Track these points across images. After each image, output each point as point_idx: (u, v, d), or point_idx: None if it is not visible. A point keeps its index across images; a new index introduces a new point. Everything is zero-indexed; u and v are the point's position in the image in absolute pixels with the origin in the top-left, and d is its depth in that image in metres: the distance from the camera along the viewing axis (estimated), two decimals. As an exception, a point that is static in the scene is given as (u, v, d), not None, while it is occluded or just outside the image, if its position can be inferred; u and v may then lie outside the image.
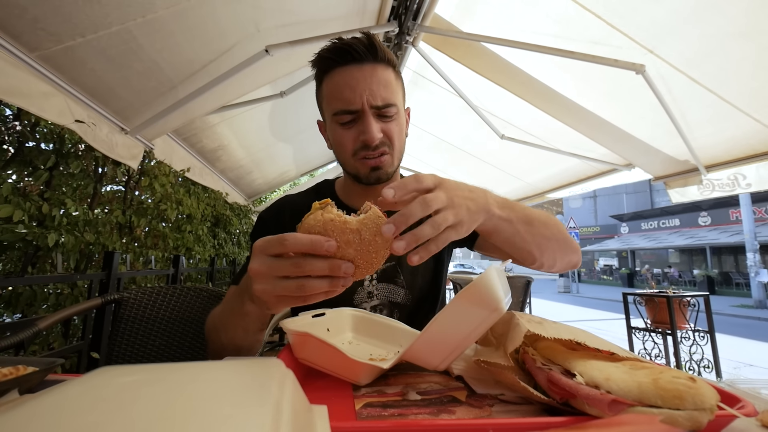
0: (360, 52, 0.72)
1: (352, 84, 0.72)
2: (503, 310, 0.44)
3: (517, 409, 0.41)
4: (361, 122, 0.73)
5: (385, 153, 0.77)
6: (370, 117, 0.72)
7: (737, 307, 11.90)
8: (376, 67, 0.74)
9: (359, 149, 0.75)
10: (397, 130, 0.78)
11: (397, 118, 0.77)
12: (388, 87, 0.75)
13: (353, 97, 0.72)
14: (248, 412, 0.18)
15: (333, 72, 0.74)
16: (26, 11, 1.18)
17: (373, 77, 0.73)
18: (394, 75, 0.78)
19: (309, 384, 0.50)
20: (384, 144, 0.76)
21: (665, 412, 0.30)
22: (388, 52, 0.76)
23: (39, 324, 0.84)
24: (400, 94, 0.80)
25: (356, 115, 0.74)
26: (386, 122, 0.76)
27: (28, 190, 1.71)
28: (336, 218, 0.44)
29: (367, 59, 0.73)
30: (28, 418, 0.17)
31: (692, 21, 1.59)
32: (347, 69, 0.73)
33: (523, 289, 3.58)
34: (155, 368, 0.24)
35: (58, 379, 0.50)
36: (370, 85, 0.72)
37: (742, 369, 4.76)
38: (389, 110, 0.75)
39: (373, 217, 0.45)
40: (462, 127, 3.45)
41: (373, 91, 0.72)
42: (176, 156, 2.51)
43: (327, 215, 0.45)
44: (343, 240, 0.44)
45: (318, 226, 0.44)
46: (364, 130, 0.73)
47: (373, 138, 0.72)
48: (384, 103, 0.73)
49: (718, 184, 2.26)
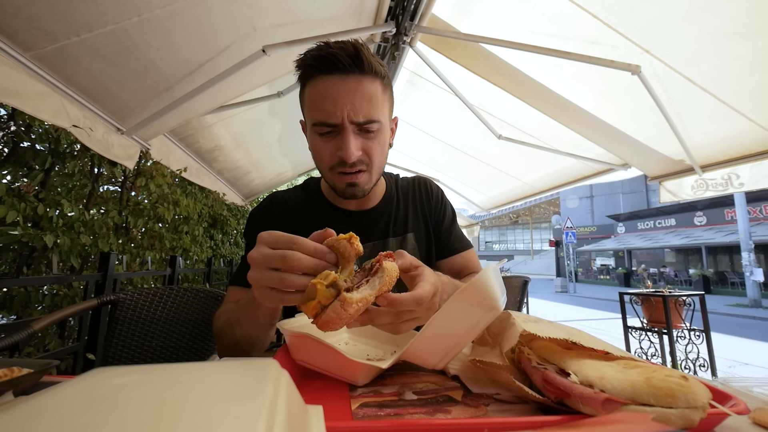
0: (345, 63, 0.67)
1: (334, 96, 0.68)
2: (500, 309, 0.44)
3: (513, 408, 0.41)
4: (340, 137, 0.70)
5: (362, 171, 0.74)
6: (350, 134, 0.69)
7: (732, 306, 11.98)
8: (362, 79, 0.69)
9: (336, 164, 0.73)
10: (378, 148, 0.75)
11: (378, 134, 0.74)
12: (373, 102, 0.71)
13: (334, 111, 0.68)
14: (242, 412, 0.18)
15: (315, 80, 0.70)
16: (20, 10, 1.17)
17: (356, 91, 0.69)
18: (381, 87, 0.73)
19: (305, 385, 0.50)
20: (362, 162, 0.73)
21: (658, 410, 0.30)
22: (376, 62, 0.72)
23: (34, 325, 0.83)
24: (386, 108, 0.76)
25: (336, 129, 0.70)
26: (367, 138, 0.73)
27: (24, 190, 1.69)
28: (362, 306, 0.43)
29: (353, 71, 0.68)
30: (22, 419, 0.17)
31: (688, 21, 1.60)
32: (330, 79, 0.68)
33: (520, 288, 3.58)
34: (150, 369, 0.24)
35: (54, 380, 0.50)
36: (352, 100, 0.68)
37: (738, 368, 4.79)
38: (371, 126, 0.71)
39: (388, 280, 0.46)
40: (459, 127, 3.46)
41: (356, 106, 0.68)
42: (173, 156, 2.50)
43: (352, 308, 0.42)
44: None
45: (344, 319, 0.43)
46: (341, 147, 0.70)
47: (350, 156, 0.69)
48: (366, 119, 0.70)
49: (711, 184, 2.28)
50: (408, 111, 3.63)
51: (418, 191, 0.99)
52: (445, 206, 0.99)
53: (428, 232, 0.95)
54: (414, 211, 0.96)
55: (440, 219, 0.97)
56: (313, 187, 0.93)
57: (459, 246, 0.96)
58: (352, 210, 0.89)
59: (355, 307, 0.42)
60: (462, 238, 0.98)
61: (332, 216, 0.88)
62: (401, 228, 0.92)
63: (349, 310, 0.42)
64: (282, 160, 4.38)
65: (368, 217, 0.90)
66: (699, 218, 20.43)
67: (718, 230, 18.86)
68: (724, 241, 17.09)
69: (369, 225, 0.89)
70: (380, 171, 0.80)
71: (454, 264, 0.94)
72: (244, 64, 1.71)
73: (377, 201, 0.92)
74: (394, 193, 0.96)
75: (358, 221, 0.89)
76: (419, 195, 0.98)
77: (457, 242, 0.96)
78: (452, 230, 0.98)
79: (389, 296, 0.46)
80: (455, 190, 5.03)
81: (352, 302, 0.42)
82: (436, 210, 0.97)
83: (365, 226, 0.88)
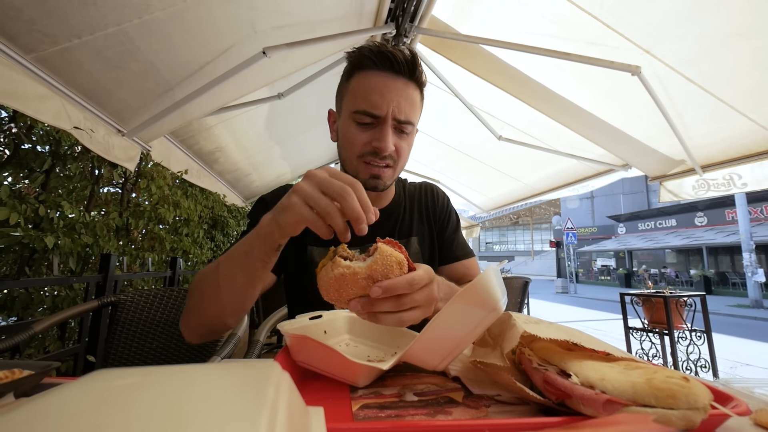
0: (401, 64, 0.73)
1: (383, 91, 0.73)
2: (501, 310, 0.44)
3: (514, 409, 0.41)
4: (379, 129, 0.75)
5: (389, 165, 0.78)
6: (390, 127, 0.74)
7: (734, 307, 11.96)
8: (409, 84, 0.76)
9: (368, 153, 0.76)
10: (406, 149, 0.80)
11: (409, 137, 0.80)
12: (414, 106, 0.77)
13: (381, 103, 0.73)
14: (243, 414, 0.18)
15: (367, 72, 0.75)
16: (22, 13, 1.18)
17: (403, 92, 0.75)
18: (420, 97, 0.80)
19: (306, 386, 0.50)
20: (391, 157, 0.77)
21: (659, 411, 0.30)
22: (423, 74, 0.78)
23: (35, 327, 0.83)
24: (418, 115, 0.82)
25: (377, 121, 0.75)
26: (400, 138, 0.77)
27: (24, 192, 1.70)
28: (345, 271, 0.47)
29: (404, 74, 0.75)
30: (24, 421, 0.17)
31: (688, 21, 1.60)
32: (383, 75, 0.74)
33: (521, 289, 3.58)
34: (151, 371, 0.24)
35: (54, 382, 0.50)
36: (399, 98, 0.74)
37: (739, 368, 4.78)
38: (407, 127, 0.77)
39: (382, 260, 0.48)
40: (460, 128, 3.47)
41: (400, 104, 0.74)
42: (173, 158, 2.50)
43: (337, 270, 0.48)
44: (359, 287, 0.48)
45: (332, 280, 0.48)
46: (379, 138, 0.74)
47: (386, 147, 0.74)
48: (406, 119, 0.75)
49: (713, 184, 2.28)
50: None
51: (424, 196, 1.01)
52: (449, 213, 1.01)
53: (432, 237, 0.97)
54: (419, 215, 0.97)
55: (444, 225, 0.99)
56: None
57: (461, 253, 0.97)
58: None
59: (340, 270, 0.47)
60: (464, 246, 0.99)
61: None
62: (405, 232, 0.93)
63: (335, 270, 0.47)
64: (282, 162, 4.39)
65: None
66: (700, 219, 20.42)
67: (719, 231, 18.84)
68: (725, 241, 17.06)
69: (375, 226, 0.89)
70: (401, 171, 0.84)
71: (455, 271, 0.95)
72: (244, 65, 1.71)
73: (386, 203, 0.93)
74: (403, 197, 0.98)
75: None
76: (425, 200, 1.00)
77: (459, 249, 0.97)
78: (455, 237, 0.99)
79: (383, 283, 0.48)
80: (455, 191, 5.03)
81: (340, 264, 0.48)
82: (441, 216, 0.99)
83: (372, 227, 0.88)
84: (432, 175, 4.80)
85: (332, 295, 0.50)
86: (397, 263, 0.49)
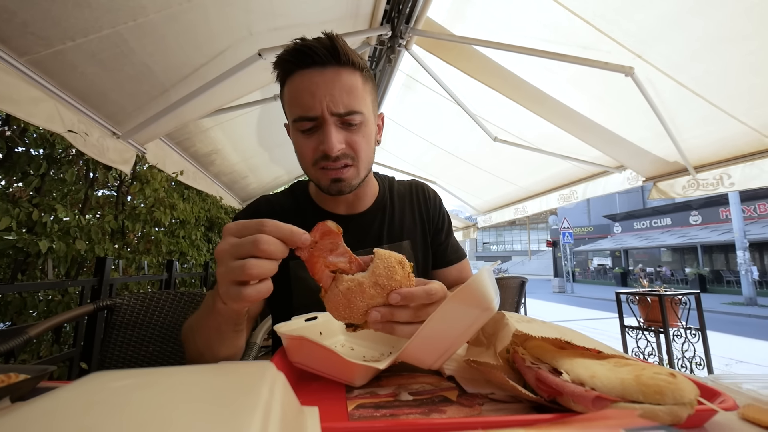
0: (321, 55, 0.66)
1: (312, 89, 0.67)
2: (494, 309, 0.45)
3: (507, 407, 0.41)
4: (321, 131, 0.69)
5: (348, 165, 0.72)
6: (331, 125, 0.68)
7: (728, 305, 12.07)
8: (340, 71, 0.68)
9: (319, 159, 0.71)
10: (363, 141, 0.73)
11: (362, 127, 0.72)
12: (353, 93, 0.69)
13: (312, 103, 0.67)
14: (237, 414, 0.19)
15: (293, 75, 0.69)
16: (15, 15, 1.17)
17: (335, 83, 0.68)
18: (361, 79, 0.72)
19: (302, 387, 0.50)
20: (347, 156, 0.71)
21: (646, 407, 0.30)
22: (354, 54, 0.70)
23: (30, 331, 0.83)
24: (368, 100, 0.74)
25: (316, 123, 0.69)
26: (350, 132, 0.71)
27: (17, 196, 1.69)
28: (350, 284, 0.48)
29: (330, 63, 0.68)
30: (21, 424, 0.18)
31: (679, 26, 1.62)
32: (308, 73, 0.68)
33: (518, 289, 3.59)
34: (146, 372, 0.25)
35: (50, 386, 0.50)
36: (331, 91, 0.67)
37: (734, 365, 4.83)
38: (353, 118, 0.69)
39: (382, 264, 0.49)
40: (455, 130, 3.48)
41: (335, 97, 0.67)
42: (169, 160, 2.50)
43: (342, 285, 0.48)
44: (368, 297, 0.48)
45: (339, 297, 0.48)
46: (323, 140, 0.68)
47: (331, 148, 0.67)
48: (347, 110, 0.68)
49: (702, 183, 2.31)
50: (404, 114, 3.64)
51: (415, 196, 0.95)
52: (443, 215, 0.97)
53: (426, 240, 0.92)
54: (411, 217, 0.92)
55: (439, 227, 0.94)
56: (300, 190, 0.90)
57: (455, 257, 0.95)
58: (341, 214, 0.85)
59: (346, 284, 0.48)
60: (457, 249, 0.96)
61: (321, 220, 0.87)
62: (397, 234, 0.88)
63: (340, 286, 0.48)
64: (278, 164, 4.39)
65: (360, 221, 0.86)
66: (694, 217, 20.59)
67: (713, 229, 19.02)
68: (719, 239, 17.23)
69: (361, 229, 0.86)
70: (368, 167, 0.77)
71: (448, 275, 0.93)
72: (240, 68, 1.71)
73: (369, 204, 0.88)
74: (388, 196, 0.92)
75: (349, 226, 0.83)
76: (416, 200, 0.95)
77: (452, 253, 0.95)
78: (449, 241, 0.96)
79: (401, 291, 0.48)
80: (451, 192, 5.04)
81: (343, 280, 0.48)
82: (434, 218, 0.94)
83: (356, 231, 0.84)
84: (427, 177, 4.81)
85: (343, 313, 0.49)
86: (398, 262, 0.50)
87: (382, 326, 0.50)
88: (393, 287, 0.48)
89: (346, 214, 0.86)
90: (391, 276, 0.48)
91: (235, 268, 0.44)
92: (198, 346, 0.61)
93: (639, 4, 1.60)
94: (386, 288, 0.48)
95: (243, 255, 0.44)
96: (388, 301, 0.48)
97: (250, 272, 0.43)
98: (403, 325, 0.49)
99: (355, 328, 0.52)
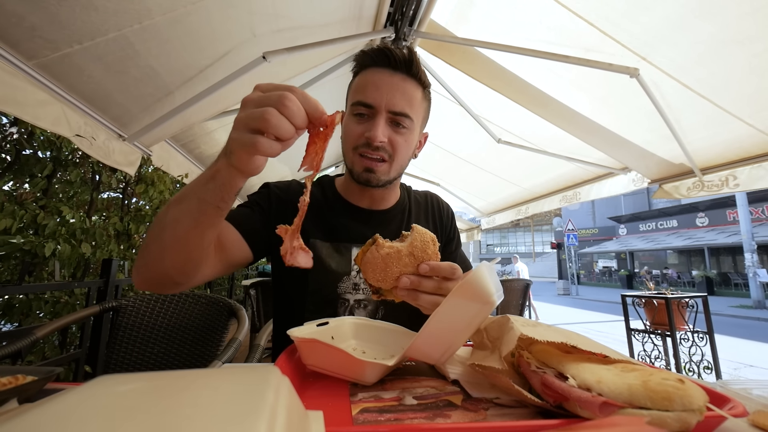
0: (397, 60, 0.76)
1: (378, 84, 0.76)
2: (495, 303, 0.46)
3: (512, 412, 0.41)
4: (372, 121, 0.76)
5: (383, 159, 0.77)
6: (382, 118, 0.75)
7: (736, 308, 11.92)
8: (407, 79, 0.77)
9: (361, 145, 0.77)
10: (404, 144, 0.79)
11: (408, 133, 0.78)
12: (411, 101, 0.77)
13: (375, 95, 0.75)
14: (243, 418, 0.19)
15: (368, 70, 0.78)
16: (24, 19, 1.19)
17: (399, 86, 0.76)
18: (421, 94, 0.80)
19: (306, 390, 0.50)
20: (385, 150, 0.77)
21: (654, 413, 0.30)
22: (423, 72, 0.79)
23: (37, 332, 0.84)
24: (420, 114, 0.82)
25: (371, 112, 0.76)
26: (396, 131, 0.77)
27: (24, 198, 1.71)
28: (390, 251, 0.55)
29: (401, 69, 0.77)
30: (28, 427, 0.18)
31: (684, 28, 1.61)
32: (380, 71, 0.77)
33: (523, 291, 3.58)
34: (153, 376, 0.25)
35: (56, 388, 0.50)
36: (394, 92, 0.75)
37: (743, 370, 4.75)
38: (403, 120, 0.76)
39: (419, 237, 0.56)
40: (458, 132, 3.47)
41: (395, 97, 0.75)
42: (174, 162, 2.51)
43: (383, 251, 0.55)
44: (402, 265, 0.56)
45: (378, 260, 0.56)
46: (370, 128, 0.75)
47: (376, 137, 0.73)
48: (401, 110, 0.75)
49: (707, 184, 2.29)
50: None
51: (431, 205, 1.01)
52: (454, 228, 1.02)
53: None
54: (426, 223, 0.97)
55: (451, 237, 0.99)
56: (327, 182, 0.95)
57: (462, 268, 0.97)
58: (364, 208, 0.90)
59: (386, 250, 0.55)
60: (465, 261, 1.00)
61: (345, 211, 0.88)
62: None
63: (380, 251, 0.55)
64: (283, 165, 4.40)
65: (381, 217, 0.91)
66: (701, 219, 20.39)
67: (720, 231, 18.81)
68: (727, 242, 17.03)
69: (381, 225, 0.90)
70: (399, 170, 0.83)
71: None
72: (244, 70, 1.73)
73: (390, 205, 0.93)
74: (407, 202, 0.97)
75: (371, 220, 0.89)
76: (431, 208, 1.00)
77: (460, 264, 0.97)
78: (458, 252, 1.00)
79: (431, 263, 0.55)
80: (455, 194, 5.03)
81: (384, 245, 0.56)
82: (447, 227, 0.99)
83: (377, 226, 0.88)
84: (431, 179, 4.80)
85: (378, 276, 0.56)
86: (431, 239, 0.57)
87: (407, 293, 0.56)
88: (424, 260, 0.55)
89: (368, 208, 0.91)
90: (425, 249, 0.56)
91: (255, 114, 0.44)
92: (166, 222, 0.53)
93: (643, 6, 1.59)
94: (419, 259, 0.55)
95: (267, 105, 0.44)
96: (417, 271, 0.56)
97: (269, 119, 0.43)
98: (426, 295, 0.56)
99: (380, 294, 0.59)
